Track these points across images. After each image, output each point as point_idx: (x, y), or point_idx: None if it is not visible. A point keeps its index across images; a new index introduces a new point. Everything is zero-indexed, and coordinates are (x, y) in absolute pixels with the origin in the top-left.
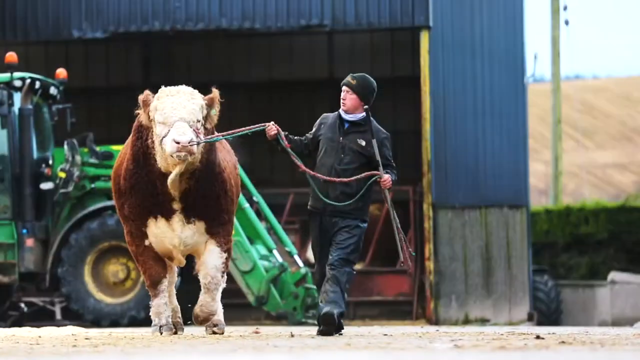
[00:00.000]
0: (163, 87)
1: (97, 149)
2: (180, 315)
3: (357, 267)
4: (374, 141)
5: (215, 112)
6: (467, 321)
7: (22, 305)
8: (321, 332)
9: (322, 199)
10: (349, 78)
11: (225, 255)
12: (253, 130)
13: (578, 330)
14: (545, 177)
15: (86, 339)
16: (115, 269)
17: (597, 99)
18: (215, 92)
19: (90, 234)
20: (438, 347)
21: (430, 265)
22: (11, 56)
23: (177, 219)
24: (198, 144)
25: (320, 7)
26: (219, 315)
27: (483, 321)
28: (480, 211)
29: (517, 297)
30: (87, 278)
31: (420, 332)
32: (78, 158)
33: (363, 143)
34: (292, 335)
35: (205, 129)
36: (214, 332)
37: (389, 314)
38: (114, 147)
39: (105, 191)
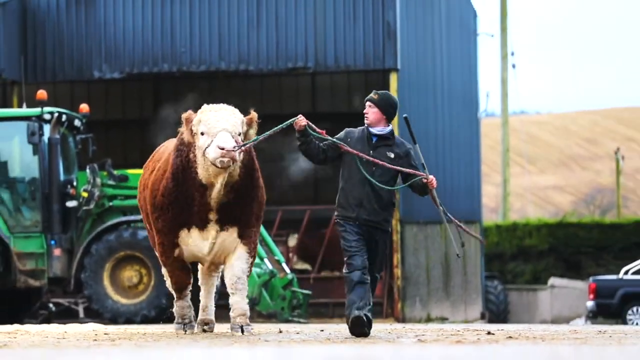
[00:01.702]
0: (205, 105)
1: (115, 172)
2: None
3: (337, 274)
4: (411, 148)
5: (253, 131)
6: (429, 319)
7: (51, 305)
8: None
9: (367, 177)
10: (372, 94)
11: (251, 259)
12: (286, 125)
13: (523, 327)
14: (495, 197)
15: (105, 334)
16: (129, 274)
17: (539, 131)
18: (254, 114)
19: (109, 245)
20: (404, 341)
21: (398, 271)
22: (42, 93)
23: (211, 228)
24: (241, 146)
25: (304, 52)
26: (211, 315)
27: (443, 319)
28: (441, 226)
29: (471, 299)
30: (106, 282)
31: (389, 329)
32: (98, 180)
33: (392, 155)
34: (280, 332)
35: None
36: (204, 331)
37: None
38: (129, 171)
39: (122, 208)
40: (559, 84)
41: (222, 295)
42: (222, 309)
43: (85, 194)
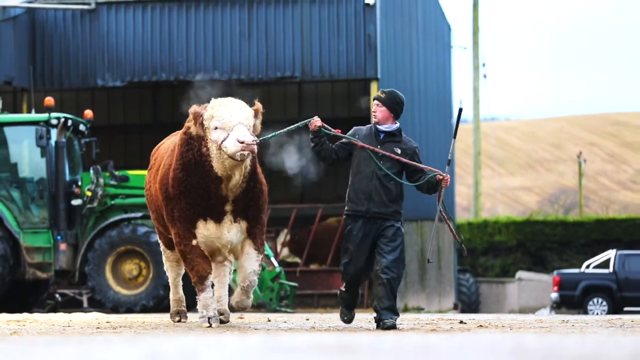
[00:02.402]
0: (214, 99)
1: (116, 173)
2: (184, 304)
3: (323, 267)
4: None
5: (258, 122)
6: (406, 309)
7: (57, 295)
8: None
9: (379, 165)
10: (379, 92)
11: (260, 257)
12: (302, 124)
13: (492, 317)
14: (468, 197)
15: (107, 322)
16: (130, 267)
17: (508, 136)
18: (259, 105)
19: (110, 240)
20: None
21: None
22: (49, 100)
23: (227, 220)
24: (261, 141)
25: (292, 62)
26: (225, 305)
27: (419, 309)
28: (417, 223)
29: (445, 291)
30: (108, 274)
31: (369, 318)
32: (101, 180)
33: (399, 151)
34: (269, 320)
35: None
36: (222, 322)
37: None
38: (130, 172)
39: (123, 206)
40: (527, 93)
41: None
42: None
43: (89, 193)
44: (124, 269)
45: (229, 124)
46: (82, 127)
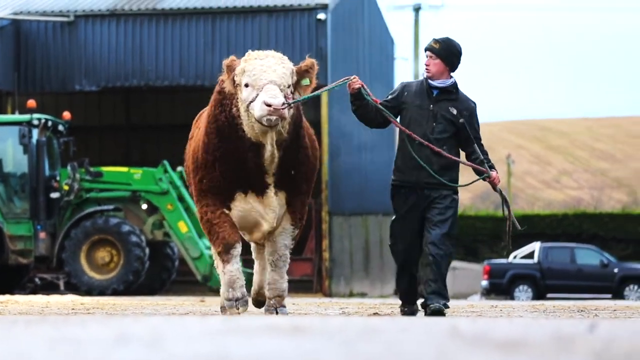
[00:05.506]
0: (250, 51)
1: (91, 169)
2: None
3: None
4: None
5: (307, 82)
6: (351, 295)
7: (36, 279)
8: None
9: (421, 164)
10: (431, 42)
11: (296, 231)
12: (339, 84)
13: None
14: None
15: (81, 304)
16: (102, 254)
17: None
18: (310, 61)
19: (85, 230)
20: (330, 313)
21: (326, 254)
22: (31, 103)
23: (270, 192)
24: (290, 105)
25: None
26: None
27: (362, 295)
28: (362, 217)
29: (386, 278)
30: (83, 261)
31: (318, 302)
32: (77, 176)
33: (454, 111)
34: None
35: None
36: (259, 303)
37: (296, 289)
38: (104, 169)
39: (97, 200)
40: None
41: (182, 273)
42: (186, 285)
43: (66, 187)
44: (97, 256)
45: (259, 83)
46: (60, 128)
